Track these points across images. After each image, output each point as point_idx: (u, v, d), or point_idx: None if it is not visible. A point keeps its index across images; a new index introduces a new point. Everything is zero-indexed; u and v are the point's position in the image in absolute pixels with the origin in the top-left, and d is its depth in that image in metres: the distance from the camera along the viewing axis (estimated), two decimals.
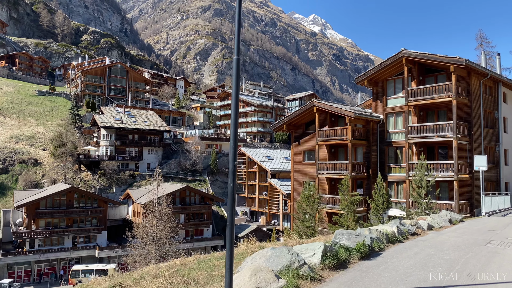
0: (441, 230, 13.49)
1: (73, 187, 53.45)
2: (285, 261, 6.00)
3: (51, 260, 50.01)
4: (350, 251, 7.59)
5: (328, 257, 6.79)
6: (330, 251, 6.95)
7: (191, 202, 58.86)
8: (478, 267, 7.75)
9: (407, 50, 27.20)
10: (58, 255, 49.81)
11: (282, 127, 33.76)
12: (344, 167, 29.06)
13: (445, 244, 10.37)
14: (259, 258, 6.28)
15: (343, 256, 7.24)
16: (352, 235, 8.08)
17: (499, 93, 28.65)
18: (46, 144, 70.88)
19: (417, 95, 26.70)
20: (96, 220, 53.67)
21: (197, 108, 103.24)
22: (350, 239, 7.93)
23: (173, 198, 57.06)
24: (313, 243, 6.97)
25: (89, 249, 51.44)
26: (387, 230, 10.07)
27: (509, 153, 29.93)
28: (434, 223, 14.32)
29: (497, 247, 10.40)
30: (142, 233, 28.83)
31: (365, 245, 8.09)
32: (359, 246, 7.75)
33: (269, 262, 6.07)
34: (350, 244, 7.77)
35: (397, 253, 8.61)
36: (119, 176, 68.24)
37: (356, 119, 28.37)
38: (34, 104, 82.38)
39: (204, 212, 59.83)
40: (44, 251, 48.81)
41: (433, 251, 9.14)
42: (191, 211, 58.09)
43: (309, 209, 22.58)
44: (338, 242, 7.76)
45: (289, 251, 6.18)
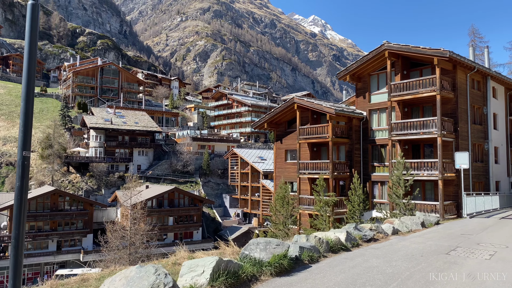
0: (407, 235, 12.06)
1: (57, 190, 52.16)
2: (146, 284, 4.61)
3: (35, 265, 48.67)
4: (262, 265, 6.18)
5: (221, 276, 5.38)
6: (226, 267, 5.54)
7: (180, 204, 57.50)
8: (420, 284, 6.33)
9: (390, 43, 25.77)
10: (42, 260, 48.50)
11: (263, 125, 32.36)
12: (326, 167, 27.62)
13: (399, 252, 8.95)
14: (119, 280, 4.90)
15: (248, 272, 5.84)
16: (271, 245, 6.67)
17: (488, 88, 27.17)
18: (35, 146, 69.62)
19: (401, 90, 25.27)
20: (82, 223, 52.41)
21: (191, 109, 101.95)
22: (267, 250, 6.51)
23: (161, 200, 55.87)
24: (206, 258, 5.57)
25: (74, 253, 50.07)
26: (330, 237, 8.65)
27: (499, 151, 28.44)
28: (401, 227, 12.89)
29: (460, 255, 8.97)
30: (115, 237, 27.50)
31: (287, 257, 6.68)
32: (274, 259, 6.33)
33: (129, 285, 4.68)
34: (264, 257, 6.36)
35: (330, 266, 7.20)
36: (108, 178, 66.93)
37: (337, 116, 26.94)
38: None
39: (194, 214, 58.45)
40: (27, 256, 47.44)
41: (378, 262, 7.72)
42: (179, 213, 56.71)
43: (283, 211, 21.16)
44: (248, 254, 6.35)
45: (156, 271, 4.79)
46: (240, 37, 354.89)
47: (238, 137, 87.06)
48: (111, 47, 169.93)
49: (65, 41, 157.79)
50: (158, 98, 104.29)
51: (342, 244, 8.88)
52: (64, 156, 65.04)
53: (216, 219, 67.74)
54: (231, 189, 75.82)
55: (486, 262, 8.35)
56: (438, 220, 15.79)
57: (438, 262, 8.10)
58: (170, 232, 55.93)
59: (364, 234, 10.27)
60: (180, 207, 57.10)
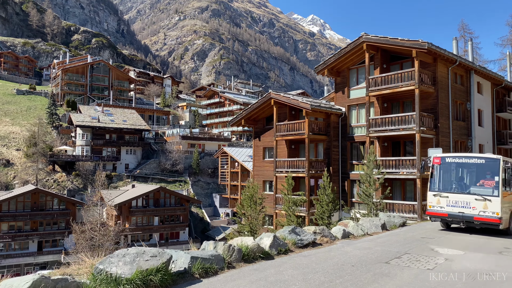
0: (358, 239, 10.80)
1: (38, 188, 50.86)
2: None
3: (15, 266, 47.36)
4: (119, 284, 4.92)
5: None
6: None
7: (166, 204, 56.13)
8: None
9: (368, 35, 24.49)
10: (21, 260, 47.22)
11: (240, 122, 31.09)
12: (302, 165, 26.36)
13: (329, 261, 7.69)
14: None
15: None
16: (144, 256, 5.39)
17: (472, 83, 25.88)
18: (20, 144, 68.41)
19: (379, 84, 24.00)
20: (64, 223, 51.08)
21: (183, 107, 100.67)
22: (135, 263, 5.24)
23: (147, 200, 54.59)
24: (24, 277, 4.30)
25: (55, 253, 48.81)
26: (247, 244, 7.38)
27: (485, 148, 27.16)
28: (355, 230, 11.63)
29: (400, 265, 7.72)
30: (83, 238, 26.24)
31: (167, 271, 5.42)
32: (139, 275, 5.06)
33: None
34: (127, 272, 5.09)
35: (225, 281, 5.95)
36: (94, 177, 65.56)
37: (314, 112, 25.68)
38: (11, 104, 79.97)
39: (180, 214, 57.13)
40: (6, 256, 46.22)
41: (292, 275, 6.47)
42: (165, 213, 55.38)
43: (250, 211, 19.91)
44: (103, 269, 5.07)
45: None
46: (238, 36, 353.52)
47: (229, 136, 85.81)
48: (106, 46, 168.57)
49: (59, 39, 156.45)
50: (150, 96, 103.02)
51: (263, 252, 7.62)
52: (50, 154, 63.80)
53: (205, 219, 66.51)
54: (221, 189, 74.56)
55: (425, 273, 7.10)
56: (405, 222, 14.54)
57: (368, 274, 6.85)
58: (156, 232, 54.57)
59: (301, 238, 9.02)
60: (166, 207, 55.77)
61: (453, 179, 13.36)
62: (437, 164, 13.32)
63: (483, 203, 11.85)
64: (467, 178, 13.20)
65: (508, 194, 12.29)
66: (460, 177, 13.36)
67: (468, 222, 12.27)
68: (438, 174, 13.28)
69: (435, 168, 13.37)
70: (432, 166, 13.46)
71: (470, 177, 13.18)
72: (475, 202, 12.01)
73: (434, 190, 13.12)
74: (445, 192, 12.79)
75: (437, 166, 13.32)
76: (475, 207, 11.99)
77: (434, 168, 13.37)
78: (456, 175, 13.45)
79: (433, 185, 13.26)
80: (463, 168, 13.30)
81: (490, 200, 11.73)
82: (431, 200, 13.06)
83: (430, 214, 13.07)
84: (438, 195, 12.82)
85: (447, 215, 12.51)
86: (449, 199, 12.58)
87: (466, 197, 12.28)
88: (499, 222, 11.60)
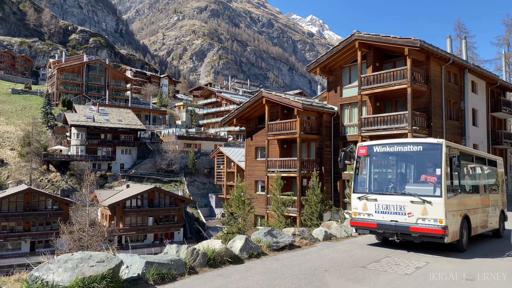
0: (340, 241, 10.38)
1: (31, 188, 50.35)
2: None
3: (7, 267, 46.71)
4: None
5: None
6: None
7: (161, 204, 55.67)
8: None
9: (360, 32, 24.08)
10: (13, 261, 46.67)
11: (232, 121, 30.68)
12: (294, 165, 25.95)
13: (301, 265, 7.27)
14: None
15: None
16: (89, 262, 4.96)
17: (466, 82, 25.48)
18: (15, 144, 67.89)
19: (371, 83, 23.58)
20: (57, 223, 50.59)
21: (180, 107, 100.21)
22: (77, 270, 4.81)
23: (141, 200, 54.13)
24: None
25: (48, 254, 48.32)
26: (214, 247, 6.95)
27: (479, 148, 26.74)
28: (338, 232, 11.21)
29: (377, 269, 7.30)
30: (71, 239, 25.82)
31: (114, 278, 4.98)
32: (78, 283, 4.64)
33: None
34: (66, 280, 4.66)
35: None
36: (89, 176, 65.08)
37: (305, 111, 25.25)
38: (6, 103, 79.45)
39: (175, 214, 56.69)
40: None
41: (256, 282, 6.05)
42: (160, 214, 54.94)
43: (239, 212, 19.49)
44: (39, 276, 4.64)
45: None
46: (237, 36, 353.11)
47: (226, 136, 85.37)
48: (103, 45, 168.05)
49: (57, 39, 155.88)
50: (146, 96, 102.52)
51: (232, 256, 7.19)
52: (44, 154, 63.31)
53: (200, 219, 66.02)
54: (218, 189, 74.07)
55: (402, 278, 6.68)
56: None
57: (340, 279, 6.42)
58: (150, 232, 54.13)
59: (277, 241, 8.59)
60: (161, 207, 55.32)
61: (384, 175, 10.27)
62: (363, 155, 10.07)
63: (421, 206, 8.66)
64: (403, 172, 10.13)
65: (455, 193, 9.15)
66: (393, 171, 10.25)
67: (403, 234, 8.99)
68: (364, 169, 10.09)
69: (361, 161, 10.14)
70: (356, 159, 10.29)
71: (406, 171, 10.15)
72: (412, 206, 8.77)
73: (359, 191, 9.90)
74: (374, 193, 9.55)
75: (363, 159, 10.08)
76: (411, 212, 8.77)
77: (360, 162, 10.16)
78: (388, 170, 10.42)
79: (358, 185, 10.07)
80: (397, 160, 10.09)
81: (430, 203, 8.56)
82: (356, 205, 9.77)
83: (355, 225, 9.64)
84: (364, 198, 9.56)
85: (375, 225, 9.17)
86: (378, 203, 9.29)
87: (400, 200, 8.98)
88: (444, 233, 8.37)
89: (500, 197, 13.07)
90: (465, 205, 9.72)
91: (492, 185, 12.56)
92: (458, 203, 9.24)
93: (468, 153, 11.18)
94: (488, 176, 12.45)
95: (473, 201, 10.44)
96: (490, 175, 12.66)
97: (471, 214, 10.01)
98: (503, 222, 13.07)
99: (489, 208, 11.67)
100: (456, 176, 9.21)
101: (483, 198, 11.35)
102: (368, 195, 9.56)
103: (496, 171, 13.21)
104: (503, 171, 14.26)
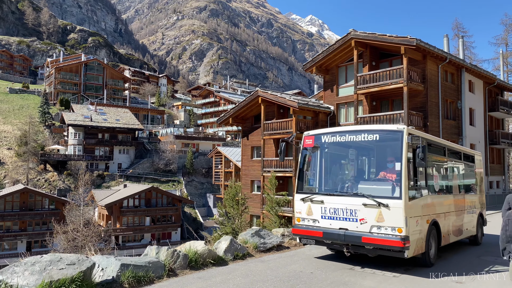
0: None
1: (27, 188, 50.13)
2: None
3: (2, 266, 46.49)
4: None
5: None
6: None
7: (158, 204, 55.51)
8: None
9: (356, 31, 23.89)
10: (9, 261, 46.42)
11: (227, 120, 30.48)
12: (290, 164, 25.75)
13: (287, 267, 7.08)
14: None
15: None
16: (59, 264, 4.75)
17: (463, 81, 25.30)
18: (12, 144, 67.65)
19: (367, 82, 23.40)
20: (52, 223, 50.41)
21: (178, 107, 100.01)
22: (45, 273, 4.60)
23: (138, 200, 53.94)
24: None
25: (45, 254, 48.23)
26: (196, 249, 6.74)
27: (476, 148, 26.56)
28: None
29: (365, 271, 7.10)
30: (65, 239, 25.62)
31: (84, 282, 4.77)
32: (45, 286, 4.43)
33: None
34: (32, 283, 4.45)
35: None
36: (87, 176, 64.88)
37: (301, 110, 25.07)
38: (3, 102, 79.23)
39: (172, 214, 56.51)
40: None
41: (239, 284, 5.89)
42: (157, 214, 54.77)
43: (233, 212, 19.30)
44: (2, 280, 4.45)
45: None
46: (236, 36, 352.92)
47: (224, 135, 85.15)
48: (102, 45, 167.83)
49: (55, 38, 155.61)
50: (145, 95, 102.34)
51: (215, 257, 6.98)
52: (41, 154, 63.09)
53: (198, 219, 65.83)
54: (216, 189, 73.84)
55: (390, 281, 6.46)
56: None
57: (324, 282, 6.22)
58: (147, 232, 53.93)
59: (264, 242, 8.38)
60: (158, 207, 55.16)
61: (335, 171, 8.42)
62: (309, 146, 8.32)
63: (376, 211, 6.92)
64: (358, 168, 8.34)
65: (420, 194, 7.49)
66: (346, 167, 8.50)
67: (355, 246, 7.23)
68: (311, 163, 8.37)
69: (307, 154, 8.37)
70: (302, 152, 8.51)
71: (361, 166, 8.36)
72: (365, 211, 7.06)
73: (305, 190, 8.17)
74: (320, 193, 7.79)
75: (310, 151, 8.33)
76: (364, 218, 7.06)
77: (306, 155, 8.39)
78: (340, 165, 8.64)
79: (303, 183, 8.34)
80: (351, 152, 8.36)
81: (387, 206, 6.82)
82: (299, 208, 8.00)
83: (297, 233, 7.89)
84: (308, 200, 7.79)
85: (321, 234, 7.45)
86: (324, 206, 7.56)
87: (350, 202, 7.23)
88: (403, 246, 6.60)
89: (478, 198, 11.62)
90: (433, 208, 8.06)
91: (468, 184, 11.06)
92: (423, 206, 7.57)
93: (439, 145, 9.31)
94: (464, 174, 10.84)
95: (444, 204, 8.82)
96: (467, 172, 11.07)
97: (442, 220, 8.38)
98: (482, 227, 11.73)
99: (465, 211, 10.15)
100: (422, 172, 7.57)
101: (457, 199, 9.74)
102: (313, 196, 7.77)
103: (474, 167, 11.69)
104: (482, 168, 12.71)
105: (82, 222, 26.83)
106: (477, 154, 12.29)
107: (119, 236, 50.07)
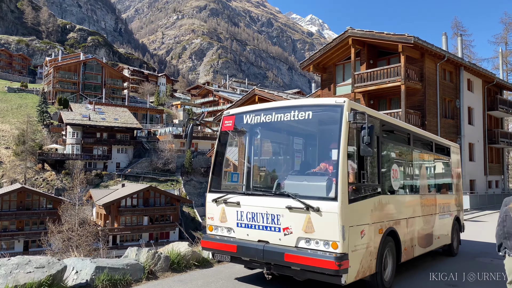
0: None
1: (24, 187, 49.95)
2: None
3: None
4: None
5: None
6: None
7: (156, 203, 55.34)
8: None
9: (353, 29, 23.63)
10: None
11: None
12: None
13: None
14: None
15: None
16: (27, 267, 4.48)
17: (461, 79, 25.04)
18: (10, 143, 67.44)
19: (365, 80, 23.15)
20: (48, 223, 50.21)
21: (177, 106, 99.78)
22: (11, 276, 4.34)
23: (136, 199, 53.75)
24: None
25: (42, 253, 47.98)
26: (179, 251, 6.50)
27: (475, 147, 26.33)
28: None
29: None
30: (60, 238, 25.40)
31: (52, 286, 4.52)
32: None
33: None
34: None
35: None
36: (84, 176, 64.67)
37: None
38: (1, 101, 79.05)
39: (170, 213, 56.36)
40: None
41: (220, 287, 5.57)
42: (155, 213, 54.61)
43: None
44: None
45: None
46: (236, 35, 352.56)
47: None
48: (102, 44, 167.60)
49: (55, 37, 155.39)
50: (144, 95, 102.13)
51: (199, 259, 6.73)
52: (39, 153, 62.90)
53: (196, 218, 65.63)
54: None
55: None
56: None
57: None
58: (145, 232, 53.77)
59: None
60: (156, 207, 55.01)
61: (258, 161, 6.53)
62: (229, 129, 6.37)
63: (304, 217, 5.04)
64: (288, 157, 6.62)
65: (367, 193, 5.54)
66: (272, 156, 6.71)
67: (278, 266, 5.25)
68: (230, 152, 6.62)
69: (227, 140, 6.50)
70: (219, 137, 6.64)
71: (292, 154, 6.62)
72: (289, 216, 5.18)
73: (221, 189, 6.22)
74: (237, 193, 5.90)
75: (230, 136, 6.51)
76: (288, 227, 5.17)
77: (225, 141, 6.52)
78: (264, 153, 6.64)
79: (219, 178, 6.36)
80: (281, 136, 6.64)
81: (318, 211, 4.92)
82: (212, 212, 6.09)
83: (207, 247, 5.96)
84: (222, 201, 5.88)
85: (235, 248, 5.53)
86: (241, 209, 5.65)
87: (272, 204, 5.35)
88: (338, 268, 4.70)
89: (454, 199, 9.75)
90: (389, 213, 6.05)
91: (441, 182, 9.18)
92: (374, 210, 5.61)
93: (401, 130, 7.03)
94: (436, 169, 8.99)
95: (406, 206, 6.77)
96: (440, 167, 9.26)
97: (402, 228, 6.42)
98: (458, 233, 9.74)
99: (436, 215, 8.21)
100: (373, 164, 5.61)
101: (426, 200, 7.68)
102: (228, 195, 5.81)
103: (449, 162, 9.71)
104: (459, 162, 10.51)
105: (77, 222, 26.61)
106: (453, 146, 10.38)
107: (117, 235, 49.87)
